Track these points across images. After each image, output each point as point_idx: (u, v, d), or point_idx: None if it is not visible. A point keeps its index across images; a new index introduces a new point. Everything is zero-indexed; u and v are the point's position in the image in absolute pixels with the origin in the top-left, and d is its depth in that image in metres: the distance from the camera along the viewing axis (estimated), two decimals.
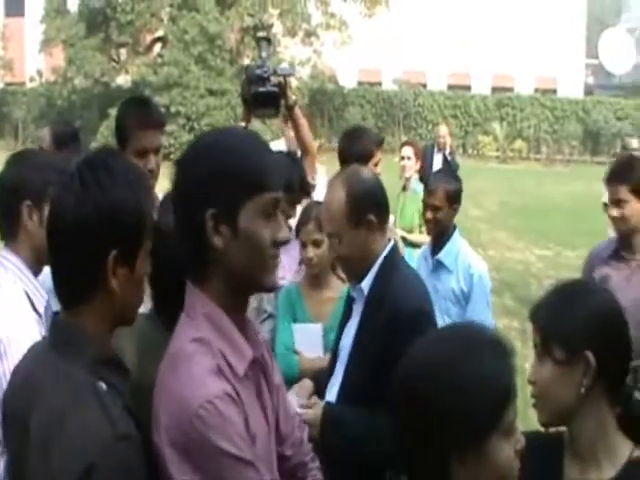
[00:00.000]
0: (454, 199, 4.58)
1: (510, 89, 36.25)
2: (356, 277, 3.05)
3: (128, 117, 3.75)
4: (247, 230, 1.83)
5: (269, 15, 29.91)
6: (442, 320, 4.46)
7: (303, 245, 3.84)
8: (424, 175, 8.72)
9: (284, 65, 4.48)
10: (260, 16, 29.47)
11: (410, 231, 7.20)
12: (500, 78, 36.97)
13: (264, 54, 4.44)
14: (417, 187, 7.55)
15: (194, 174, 1.84)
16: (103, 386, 1.77)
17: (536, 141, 33.97)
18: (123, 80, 31.82)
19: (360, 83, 36.39)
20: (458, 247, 4.61)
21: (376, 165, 4.43)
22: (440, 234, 4.63)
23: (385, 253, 3.01)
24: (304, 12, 29.94)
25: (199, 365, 1.80)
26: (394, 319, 2.82)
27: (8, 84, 37.35)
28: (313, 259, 3.80)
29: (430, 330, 2.24)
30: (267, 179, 1.87)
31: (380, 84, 36.61)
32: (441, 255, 4.57)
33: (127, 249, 1.79)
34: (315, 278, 3.89)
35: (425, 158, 13.18)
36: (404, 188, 7.92)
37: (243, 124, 4.59)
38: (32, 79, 36.34)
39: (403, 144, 8.95)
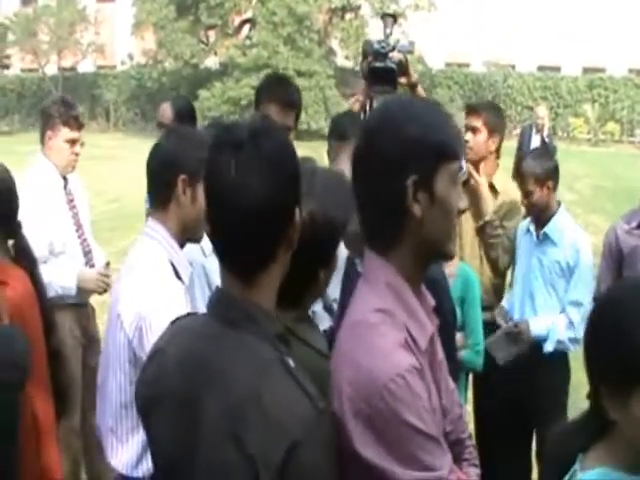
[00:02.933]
0: (544, 180, 4.46)
1: (602, 70, 35.38)
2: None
3: (265, 91, 3.90)
4: (442, 197, 1.82)
5: None
6: (547, 292, 4.44)
7: None
8: (521, 156, 8.56)
9: (404, 42, 4.37)
10: None
11: None
12: (591, 59, 36.12)
13: (388, 30, 4.38)
14: None
15: (392, 142, 1.80)
16: (291, 361, 1.71)
17: (629, 123, 33.06)
18: (212, 62, 32.18)
19: (448, 64, 35.99)
20: (564, 222, 4.51)
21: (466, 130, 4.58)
22: (539, 213, 4.52)
23: None
24: None
25: (386, 338, 1.78)
26: None
27: (100, 67, 38.16)
28: None
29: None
30: (456, 147, 1.86)
31: (468, 65, 36.17)
32: (547, 229, 4.47)
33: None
34: None
35: (523, 139, 13.04)
36: None
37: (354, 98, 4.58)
38: (123, 62, 37.07)
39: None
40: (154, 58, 32.36)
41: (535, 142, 12.10)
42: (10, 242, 3.13)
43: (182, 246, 2.88)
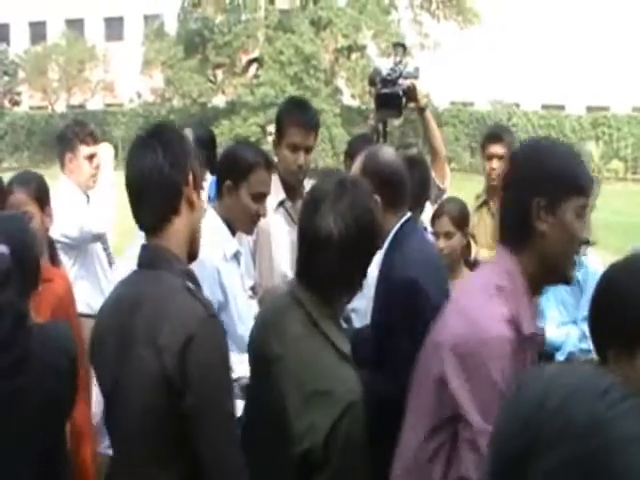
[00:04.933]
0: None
1: (606, 108, 35.67)
2: None
3: (286, 114, 4.05)
4: (565, 223, 2.18)
5: (363, 36, 30.21)
6: (557, 310, 4.62)
7: (436, 236, 4.29)
8: None
9: (409, 69, 4.60)
10: (354, 37, 29.82)
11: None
12: (595, 98, 36.40)
13: (398, 59, 4.62)
14: None
15: (531, 169, 2.22)
16: (191, 285, 2.24)
17: (634, 161, 33.28)
18: (220, 100, 32.52)
19: (453, 103, 36.30)
20: None
21: (490, 158, 4.99)
22: None
23: (395, 229, 3.12)
24: (398, 32, 30.07)
25: (498, 307, 2.16)
26: (387, 289, 3.07)
27: (108, 105, 38.57)
28: (444, 249, 4.23)
29: (420, 300, 2.82)
30: (587, 186, 2.22)
31: (472, 104, 36.47)
32: None
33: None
34: (446, 268, 4.07)
35: None
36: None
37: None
38: (131, 100, 37.48)
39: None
40: (162, 96, 32.73)
41: None
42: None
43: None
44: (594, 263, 4.62)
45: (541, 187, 2.17)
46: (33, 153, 36.95)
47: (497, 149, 4.92)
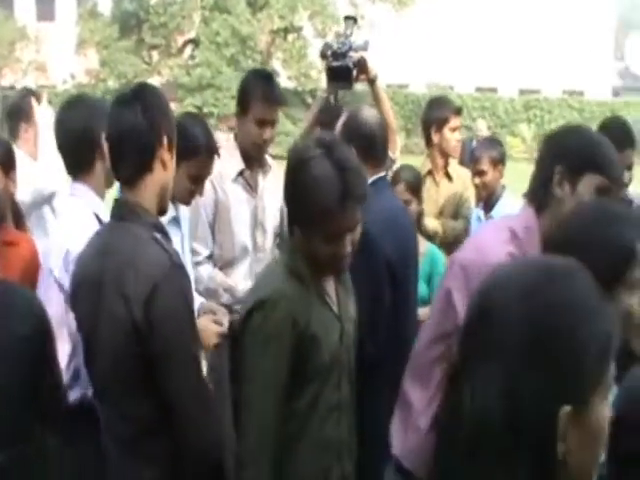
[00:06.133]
0: (498, 162, 5.12)
1: (537, 91, 36.31)
2: None
3: (253, 89, 4.05)
4: (582, 195, 2.40)
5: (299, 17, 30.20)
6: None
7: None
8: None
9: (359, 42, 4.70)
10: (290, 18, 29.79)
11: None
12: (527, 81, 37.02)
13: (348, 31, 4.70)
14: None
15: (557, 142, 2.52)
16: (159, 236, 2.41)
17: None
18: (156, 81, 32.20)
19: (388, 85, 36.52)
20: (510, 203, 4.88)
21: (454, 130, 5.11)
22: (488, 196, 4.99)
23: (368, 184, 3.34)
24: (334, 14, 30.13)
25: (506, 245, 2.40)
26: None
27: (41, 86, 37.83)
28: None
29: (372, 253, 3.06)
30: (606, 166, 2.42)
31: (407, 86, 36.76)
32: (494, 212, 4.89)
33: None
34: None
35: (464, 151, 13.39)
36: None
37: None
38: (65, 81, 36.84)
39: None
40: (97, 77, 32.25)
41: None
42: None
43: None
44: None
45: (562, 157, 2.43)
46: None
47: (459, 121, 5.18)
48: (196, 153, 3.38)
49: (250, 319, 2.37)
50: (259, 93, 4.02)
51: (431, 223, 4.92)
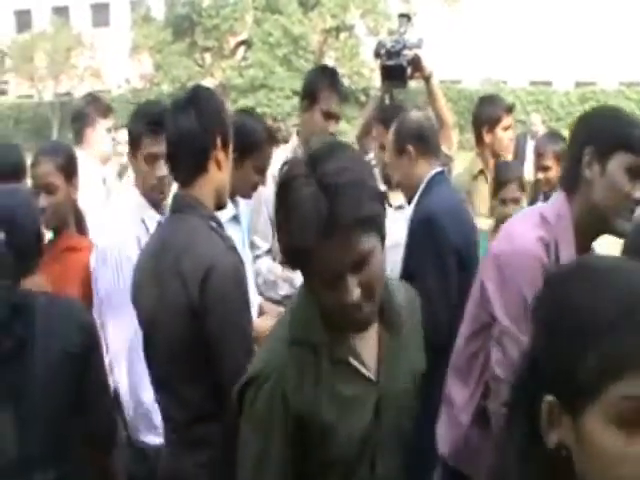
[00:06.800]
0: (560, 158, 4.93)
1: (593, 83, 35.78)
2: (409, 200, 3.69)
3: (321, 81, 4.12)
4: (610, 175, 2.37)
5: (351, 15, 30.20)
6: None
7: (503, 203, 4.46)
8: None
9: (413, 40, 4.69)
10: (342, 17, 29.81)
11: None
12: (583, 73, 36.51)
13: (402, 29, 4.70)
14: None
15: (586, 123, 2.49)
16: (214, 224, 2.52)
17: None
18: (209, 83, 32.46)
19: (442, 81, 36.31)
20: None
21: (506, 129, 4.95)
22: (551, 191, 4.92)
23: (427, 178, 3.54)
24: (386, 11, 30.07)
25: (536, 230, 2.41)
26: (411, 231, 3.42)
27: (96, 92, 38.37)
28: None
29: (438, 237, 3.18)
30: (635, 145, 2.37)
31: (460, 82, 36.53)
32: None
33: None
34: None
35: (518, 146, 13.26)
36: None
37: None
38: (119, 86, 37.34)
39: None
40: (151, 81, 32.65)
41: (530, 148, 12.30)
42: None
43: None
44: None
45: (591, 138, 2.40)
46: (21, 141, 36.72)
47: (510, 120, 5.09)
48: (258, 146, 3.51)
49: (242, 398, 1.85)
50: (327, 85, 4.08)
51: (481, 224, 4.87)
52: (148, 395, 2.91)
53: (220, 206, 2.65)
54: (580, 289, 1.18)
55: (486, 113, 5.01)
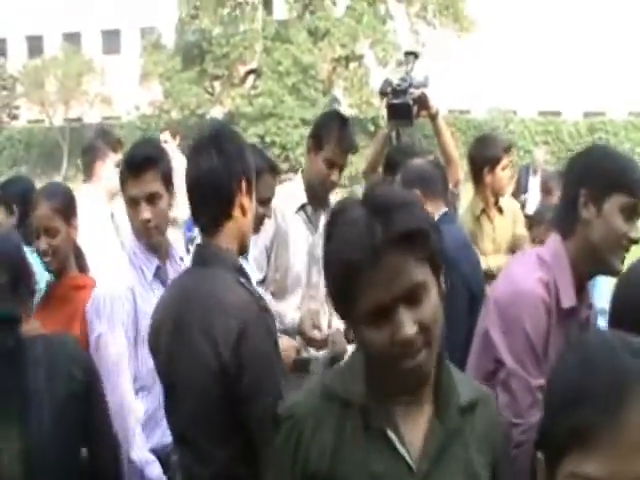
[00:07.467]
0: None
1: (602, 114, 35.77)
2: None
3: (330, 130, 4.01)
4: (607, 216, 2.39)
5: (360, 45, 30.31)
6: None
7: (533, 242, 4.62)
8: (517, 196, 8.93)
9: (419, 78, 4.67)
10: (351, 46, 29.91)
11: None
12: (592, 104, 36.51)
13: (409, 67, 4.68)
14: None
15: (582, 164, 2.50)
16: (242, 279, 2.41)
17: None
18: (218, 112, 32.58)
19: (450, 111, 36.39)
20: None
21: (504, 169, 5.02)
22: None
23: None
24: (395, 42, 30.18)
25: (536, 272, 2.43)
26: None
27: (106, 118, 38.60)
28: None
29: (455, 276, 3.10)
30: (634, 187, 2.40)
31: (469, 112, 36.56)
32: None
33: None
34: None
35: (520, 179, 13.21)
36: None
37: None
38: (129, 112, 37.51)
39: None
40: (160, 108, 32.76)
41: (532, 183, 12.26)
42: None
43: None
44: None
45: (588, 179, 2.42)
46: (32, 167, 36.95)
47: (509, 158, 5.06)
48: (259, 176, 3.38)
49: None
50: (335, 136, 3.99)
51: (491, 262, 4.83)
52: (139, 453, 2.92)
53: (242, 252, 2.57)
54: (566, 361, 1.20)
55: (486, 154, 5.02)
